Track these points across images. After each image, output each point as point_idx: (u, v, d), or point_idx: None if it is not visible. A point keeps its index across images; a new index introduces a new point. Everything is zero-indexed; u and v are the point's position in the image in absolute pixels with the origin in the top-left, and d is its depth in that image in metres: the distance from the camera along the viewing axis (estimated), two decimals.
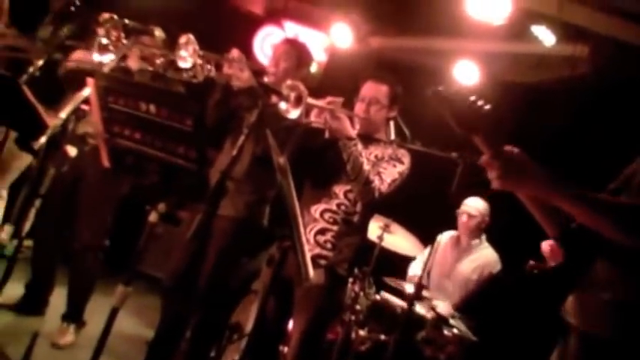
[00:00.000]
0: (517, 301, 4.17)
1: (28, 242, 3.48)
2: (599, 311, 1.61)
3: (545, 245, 1.95)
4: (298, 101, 2.61)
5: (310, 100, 2.69)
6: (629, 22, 4.11)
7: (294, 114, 2.61)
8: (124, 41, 3.09)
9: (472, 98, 1.51)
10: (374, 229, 3.89)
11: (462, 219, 4.31)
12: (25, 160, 3.65)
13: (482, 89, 5.04)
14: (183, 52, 2.94)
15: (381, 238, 3.85)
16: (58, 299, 3.52)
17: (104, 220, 3.39)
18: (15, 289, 3.23)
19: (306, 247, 2.02)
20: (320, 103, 2.78)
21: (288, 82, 2.66)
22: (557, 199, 1.56)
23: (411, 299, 3.22)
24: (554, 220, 1.76)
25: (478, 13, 3.65)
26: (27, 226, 2.77)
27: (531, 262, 1.92)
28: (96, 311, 3.56)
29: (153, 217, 2.36)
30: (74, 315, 3.41)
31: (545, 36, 4.40)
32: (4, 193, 3.81)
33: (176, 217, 4.06)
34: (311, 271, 1.96)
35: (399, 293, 3.90)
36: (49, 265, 3.40)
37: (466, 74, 5.18)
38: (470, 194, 4.29)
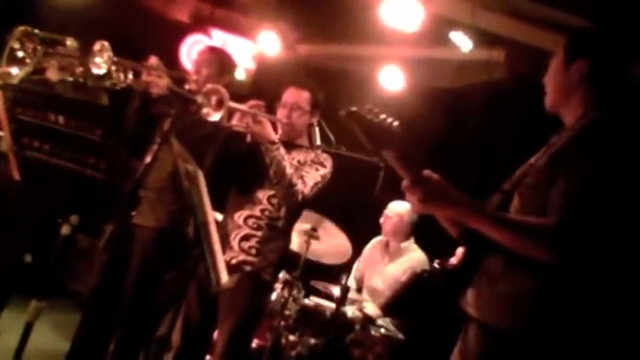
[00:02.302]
0: (437, 298, 4.28)
1: None
2: (496, 302, 1.69)
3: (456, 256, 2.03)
4: (219, 105, 2.61)
5: (232, 104, 2.70)
6: (538, 29, 4.31)
7: (215, 117, 2.61)
8: (40, 52, 3.01)
9: (382, 117, 1.58)
10: (300, 236, 3.90)
11: (381, 221, 4.40)
12: None
13: (402, 98, 5.18)
14: (97, 59, 2.89)
15: (308, 243, 3.87)
16: None
17: (20, 236, 3.29)
18: None
19: (219, 253, 2.02)
20: (242, 107, 2.79)
21: (209, 85, 2.66)
22: (476, 222, 1.65)
23: (339, 302, 3.26)
24: (456, 222, 1.85)
25: (392, 20, 3.74)
26: None
27: (437, 261, 2.00)
28: (13, 327, 3.45)
29: (65, 229, 2.32)
30: None
31: (462, 42, 4.55)
32: None
33: (99, 230, 3.98)
34: (223, 277, 1.97)
35: (328, 297, 3.94)
36: None
37: (391, 80, 5.30)
38: (397, 197, 4.38)
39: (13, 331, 3.30)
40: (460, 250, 2.00)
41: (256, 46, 5.66)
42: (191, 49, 5.69)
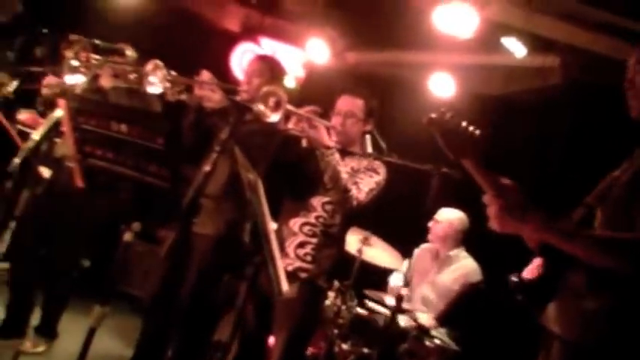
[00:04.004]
0: (499, 311, 4.19)
1: (3, 265, 3.46)
2: (582, 319, 1.62)
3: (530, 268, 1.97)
4: (277, 106, 2.63)
5: (289, 107, 2.72)
6: (594, 33, 4.20)
7: (273, 118, 2.63)
8: (94, 61, 3.11)
9: (464, 124, 1.54)
10: (353, 242, 3.91)
11: (429, 225, 4.34)
12: None
13: (457, 104, 5.11)
14: (152, 79, 2.95)
15: (360, 251, 3.86)
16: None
17: (80, 240, 3.38)
18: (1, 313, 3.21)
19: (280, 262, 2.03)
20: (298, 110, 2.81)
21: (267, 87, 2.67)
22: (556, 241, 1.59)
23: (392, 312, 3.23)
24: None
25: (446, 27, 3.70)
26: (2, 248, 2.76)
27: (514, 275, 1.95)
28: (75, 331, 3.54)
29: (127, 236, 2.37)
30: (46, 329, 3.42)
31: (515, 48, 4.47)
32: None
33: (156, 236, 4.05)
34: (284, 286, 1.97)
35: (381, 306, 3.91)
36: (28, 287, 3.38)
37: (441, 87, 5.25)
38: (446, 206, 4.33)
39: (73, 335, 3.41)
40: (536, 262, 1.94)
41: (305, 54, 5.68)
42: (241, 58, 5.76)
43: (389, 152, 3.31)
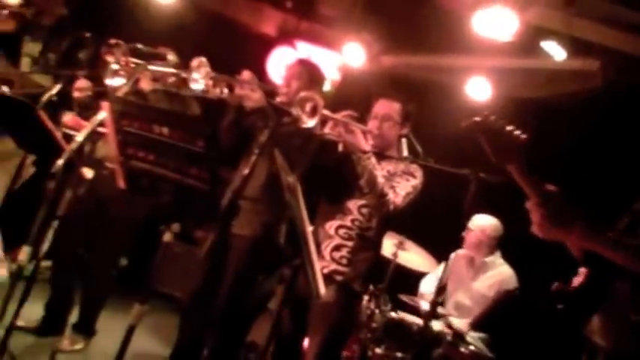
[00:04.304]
0: (534, 318, 4.13)
1: (46, 263, 3.54)
2: (628, 332, 1.59)
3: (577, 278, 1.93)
4: (314, 112, 2.65)
5: (325, 112, 2.73)
6: (634, 36, 4.11)
7: (310, 124, 2.65)
8: (134, 65, 3.18)
9: (509, 128, 1.52)
10: (388, 246, 3.90)
11: (463, 233, 4.30)
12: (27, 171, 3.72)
13: (495, 107, 5.06)
14: (195, 75, 3.01)
15: (395, 255, 3.85)
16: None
17: (120, 240, 3.45)
18: (34, 310, 3.28)
19: (317, 265, 2.04)
20: (335, 115, 2.82)
21: (304, 93, 2.70)
22: (601, 250, 1.56)
23: (427, 316, 3.21)
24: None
25: (486, 30, 3.67)
26: (45, 247, 2.83)
27: (556, 284, 1.91)
28: (113, 329, 3.60)
29: (167, 237, 2.41)
30: (84, 326, 3.48)
31: (555, 51, 4.40)
32: None
33: (193, 237, 4.11)
34: (322, 289, 1.98)
35: (415, 310, 3.89)
36: (68, 286, 3.46)
37: (478, 91, 5.20)
38: (483, 211, 4.28)
39: (111, 333, 3.47)
40: (581, 272, 1.90)
41: (341, 58, 5.69)
42: (278, 62, 5.80)
43: (425, 156, 3.30)
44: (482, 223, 4.24)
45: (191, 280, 3.16)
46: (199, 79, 2.98)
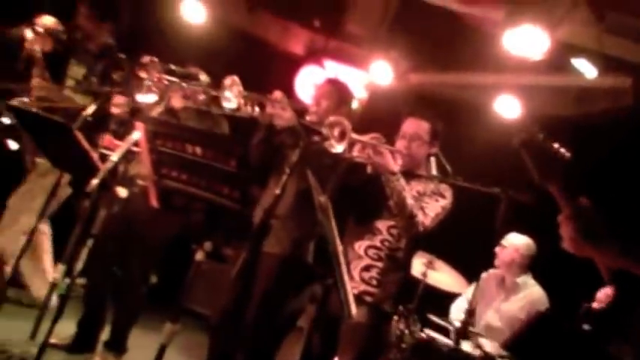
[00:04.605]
0: (566, 339, 4.05)
1: (80, 281, 3.58)
2: None
3: (602, 293, 1.91)
4: (342, 136, 2.67)
5: (353, 135, 2.74)
6: None
7: (338, 148, 2.66)
8: (166, 83, 3.23)
9: (556, 146, 1.51)
10: (418, 265, 3.87)
11: (496, 250, 4.25)
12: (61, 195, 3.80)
13: (525, 125, 5.01)
14: (227, 94, 3.05)
15: (425, 274, 3.82)
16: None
17: (151, 258, 3.48)
18: (67, 328, 3.32)
19: (349, 285, 2.03)
20: (363, 138, 2.83)
21: (332, 118, 2.72)
22: (635, 268, 1.54)
23: (457, 337, 3.17)
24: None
25: (516, 48, 3.66)
26: (79, 265, 2.87)
27: (585, 305, 1.88)
28: (144, 347, 3.62)
29: (199, 255, 2.42)
30: (116, 344, 3.50)
31: (586, 68, 4.37)
32: (46, 228, 3.95)
33: (221, 255, 4.14)
34: (354, 309, 1.98)
35: (445, 331, 3.84)
36: (100, 303, 3.50)
37: (507, 108, 5.17)
38: (514, 231, 4.23)
39: (142, 351, 3.50)
40: (605, 291, 1.88)
41: (368, 76, 5.72)
42: (305, 80, 5.85)
43: (454, 175, 3.28)
44: (516, 241, 4.19)
45: (220, 298, 3.18)
46: (232, 97, 3.03)
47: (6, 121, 3.71)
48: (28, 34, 3.94)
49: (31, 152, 3.74)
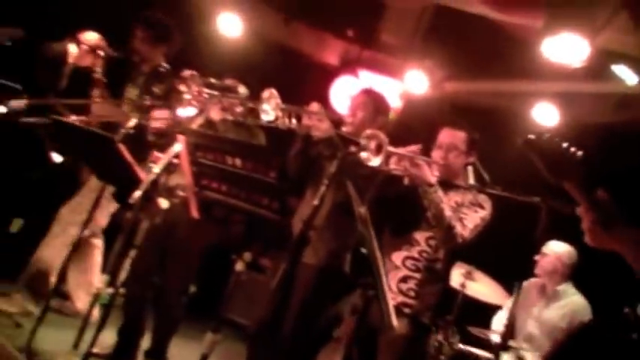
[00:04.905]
0: (610, 351, 3.95)
1: (123, 291, 3.64)
2: None
3: None
4: (379, 149, 2.68)
5: (390, 148, 2.74)
6: None
7: (374, 162, 2.67)
8: (206, 96, 3.29)
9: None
10: (456, 276, 3.84)
11: (537, 258, 4.18)
12: (109, 208, 3.89)
13: (563, 132, 4.95)
14: (266, 106, 3.09)
15: (463, 285, 3.78)
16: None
17: (190, 268, 3.53)
18: (110, 337, 3.38)
19: (389, 297, 2.03)
20: (400, 150, 2.82)
21: (368, 131, 2.73)
22: None
23: (497, 349, 3.13)
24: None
25: (556, 55, 3.61)
26: (122, 275, 2.93)
27: (627, 309, 1.84)
28: (184, 356, 3.68)
29: (239, 266, 2.46)
30: (156, 353, 3.55)
31: (626, 75, 4.28)
32: (99, 242, 4.05)
33: (259, 265, 4.17)
34: (395, 321, 1.97)
35: (484, 343, 3.79)
36: (140, 313, 3.54)
37: (545, 116, 5.10)
38: (554, 239, 4.16)
39: (182, 359, 3.55)
40: None
41: (403, 85, 5.70)
42: (340, 90, 5.87)
43: (492, 184, 3.24)
44: (558, 249, 4.13)
45: (258, 308, 3.20)
46: (270, 110, 3.07)
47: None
48: (72, 49, 4.06)
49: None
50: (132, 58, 3.92)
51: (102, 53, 3.84)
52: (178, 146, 2.61)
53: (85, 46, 3.98)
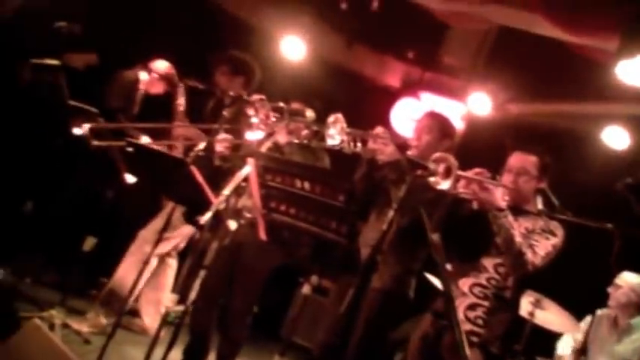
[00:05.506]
0: None
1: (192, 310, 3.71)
2: None
3: None
4: (448, 173, 2.64)
5: (459, 172, 2.70)
6: None
7: (444, 185, 2.63)
8: (273, 120, 3.35)
9: None
10: (525, 304, 3.73)
11: (609, 290, 4.01)
12: (184, 230, 3.99)
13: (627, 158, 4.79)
14: (331, 130, 3.11)
15: (532, 314, 3.67)
16: None
17: (255, 289, 3.56)
18: (177, 356, 3.43)
19: (461, 327, 1.99)
20: (468, 174, 2.78)
21: (437, 154, 2.70)
22: None
23: None
24: None
25: (631, 78, 3.50)
26: (192, 295, 2.98)
27: None
28: None
29: (306, 289, 2.47)
30: None
31: None
32: (174, 263, 4.16)
33: (322, 288, 4.16)
34: (468, 350, 1.93)
35: None
36: (206, 332, 3.60)
37: (615, 140, 4.94)
38: (629, 269, 4.00)
39: None
40: None
41: (465, 107, 5.65)
42: (401, 113, 5.85)
43: (562, 209, 3.15)
44: (632, 280, 3.96)
45: (321, 330, 3.19)
46: (335, 134, 3.08)
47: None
48: (143, 76, 4.23)
49: None
50: (213, 91, 4.05)
51: (182, 85, 4.00)
52: (247, 169, 2.66)
53: (155, 74, 4.14)
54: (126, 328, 3.92)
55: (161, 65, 4.21)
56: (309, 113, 3.51)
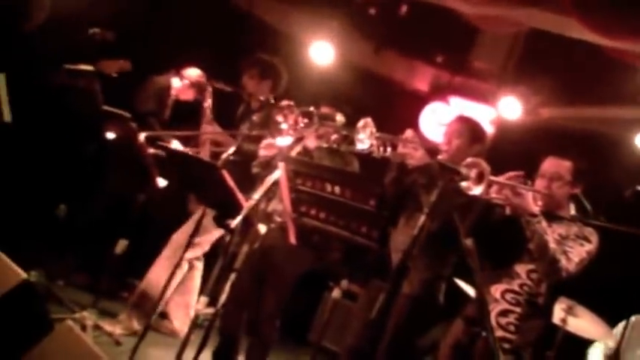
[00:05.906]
0: None
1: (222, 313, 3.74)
2: None
3: None
4: (480, 178, 2.61)
5: (492, 177, 2.67)
6: None
7: (476, 191, 2.60)
8: (302, 124, 3.35)
9: None
10: (557, 311, 3.66)
11: None
12: (215, 234, 4.02)
13: None
14: (361, 135, 3.10)
15: (564, 321, 3.61)
16: None
17: (285, 293, 3.57)
18: (206, 358, 3.46)
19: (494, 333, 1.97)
20: (500, 179, 2.75)
21: (469, 159, 2.67)
22: None
23: None
24: None
25: None
26: (222, 298, 3.01)
27: None
28: None
29: (336, 293, 2.47)
30: None
31: None
32: (200, 265, 4.20)
33: (351, 292, 4.15)
34: (501, 356, 1.90)
35: None
36: (235, 335, 3.62)
37: None
38: None
39: None
40: None
41: (495, 111, 5.58)
42: (430, 117, 5.82)
43: (595, 215, 3.10)
44: None
45: (349, 335, 3.18)
46: (365, 139, 3.07)
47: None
48: (175, 83, 4.29)
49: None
50: (241, 94, 4.09)
51: (209, 87, 4.04)
52: (277, 173, 2.67)
53: (186, 80, 4.19)
54: (156, 331, 3.96)
55: (193, 72, 4.27)
56: (339, 118, 3.51)
